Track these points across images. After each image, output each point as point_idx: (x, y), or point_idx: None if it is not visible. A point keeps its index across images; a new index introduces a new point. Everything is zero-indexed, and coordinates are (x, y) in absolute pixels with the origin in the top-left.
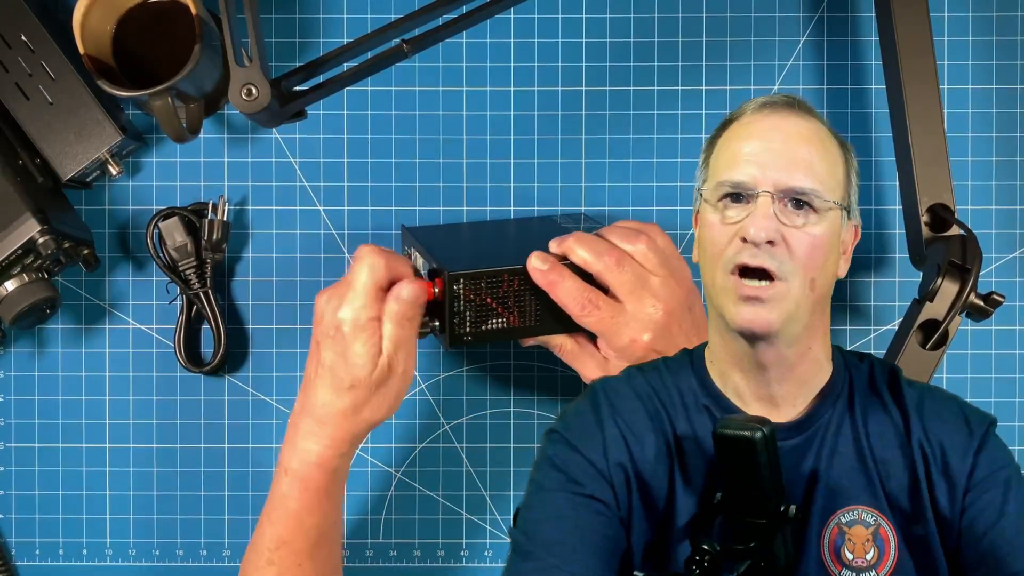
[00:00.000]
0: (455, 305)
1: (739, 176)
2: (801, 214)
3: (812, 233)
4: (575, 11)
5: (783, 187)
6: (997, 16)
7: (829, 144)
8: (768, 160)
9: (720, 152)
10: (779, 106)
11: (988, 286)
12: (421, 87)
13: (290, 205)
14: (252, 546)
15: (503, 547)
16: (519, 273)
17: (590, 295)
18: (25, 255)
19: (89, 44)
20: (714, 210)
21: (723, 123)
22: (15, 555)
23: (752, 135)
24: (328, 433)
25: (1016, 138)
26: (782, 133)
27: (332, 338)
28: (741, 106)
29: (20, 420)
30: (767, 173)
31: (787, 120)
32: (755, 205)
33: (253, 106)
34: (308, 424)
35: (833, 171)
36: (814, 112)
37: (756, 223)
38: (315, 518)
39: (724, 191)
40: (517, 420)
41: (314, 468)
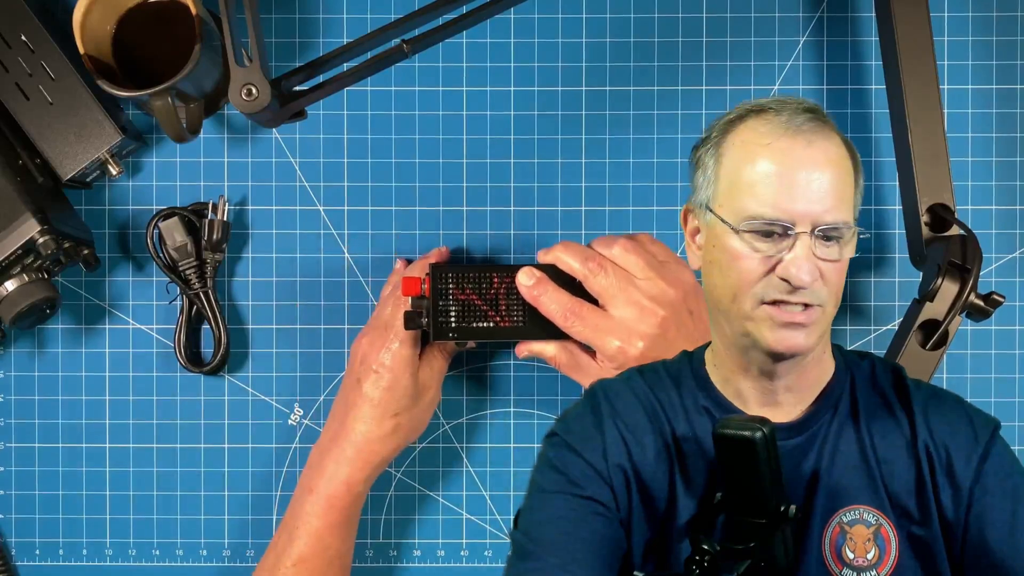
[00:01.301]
0: (439, 301)
1: (774, 212)
2: (833, 245)
3: (842, 261)
4: (575, 11)
5: (820, 225)
6: (997, 16)
7: (848, 161)
8: (803, 194)
9: (739, 169)
10: (804, 126)
11: (988, 286)
12: (421, 87)
13: (290, 205)
14: (269, 558)
15: (503, 547)
16: (507, 275)
17: (573, 305)
18: (25, 255)
19: (89, 44)
20: (740, 239)
21: (728, 125)
22: (15, 555)
23: (781, 160)
24: (363, 458)
25: (1016, 138)
26: (814, 161)
27: (378, 374)
28: (747, 111)
29: (20, 420)
30: (805, 209)
31: (817, 145)
32: (791, 242)
33: (253, 106)
34: (344, 450)
35: (851, 192)
36: (832, 124)
37: (800, 266)
38: (335, 539)
39: (757, 227)
40: (517, 420)
41: (343, 488)
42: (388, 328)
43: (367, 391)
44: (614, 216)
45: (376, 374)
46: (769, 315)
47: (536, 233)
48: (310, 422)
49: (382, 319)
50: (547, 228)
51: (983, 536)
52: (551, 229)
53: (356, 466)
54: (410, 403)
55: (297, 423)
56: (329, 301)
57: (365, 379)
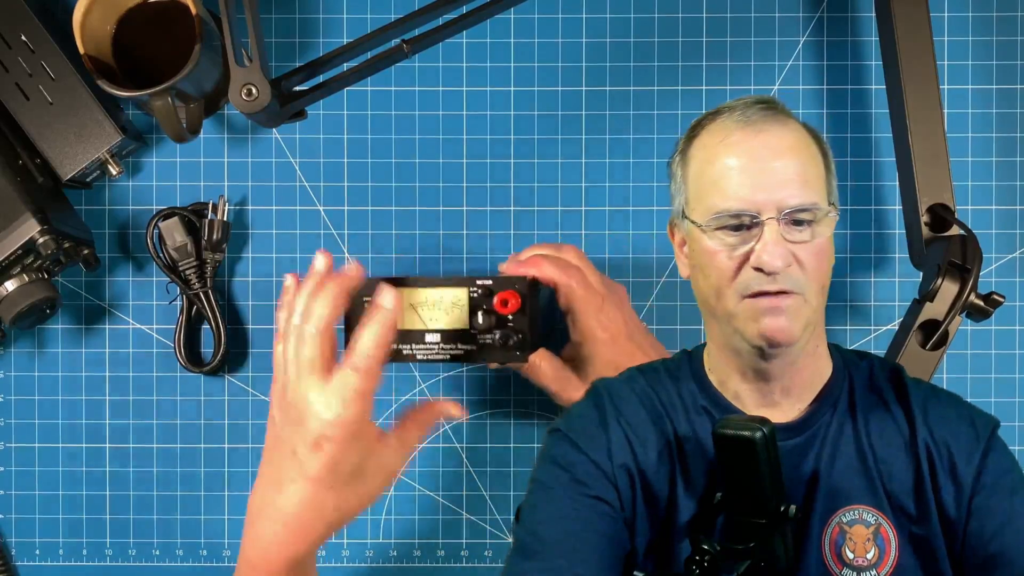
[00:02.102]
0: (536, 318)
1: (738, 204)
2: (805, 229)
3: (817, 243)
4: (575, 11)
5: (785, 209)
6: (997, 16)
7: (811, 146)
8: (764, 182)
9: (702, 170)
10: (754, 116)
11: (988, 286)
12: (421, 87)
13: (290, 205)
14: None
15: (503, 547)
16: None
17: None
18: (25, 255)
19: (89, 44)
20: (711, 238)
21: (691, 133)
22: (15, 555)
23: (739, 153)
24: (299, 535)
25: (1016, 138)
26: (770, 148)
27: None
28: (706, 115)
29: (20, 420)
30: (767, 196)
31: (770, 131)
32: (760, 231)
33: (253, 106)
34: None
35: (819, 174)
36: (787, 111)
37: (769, 252)
38: None
39: (724, 221)
40: (517, 420)
41: (284, 566)
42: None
43: (305, 464)
44: (614, 216)
45: (316, 445)
46: (750, 306)
47: (536, 233)
48: None
49: None
50: (547, 228)
51: (983, 530)
52: (551, 229)
53: (291, 544)
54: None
55: None
56: None
57: (299, 443)
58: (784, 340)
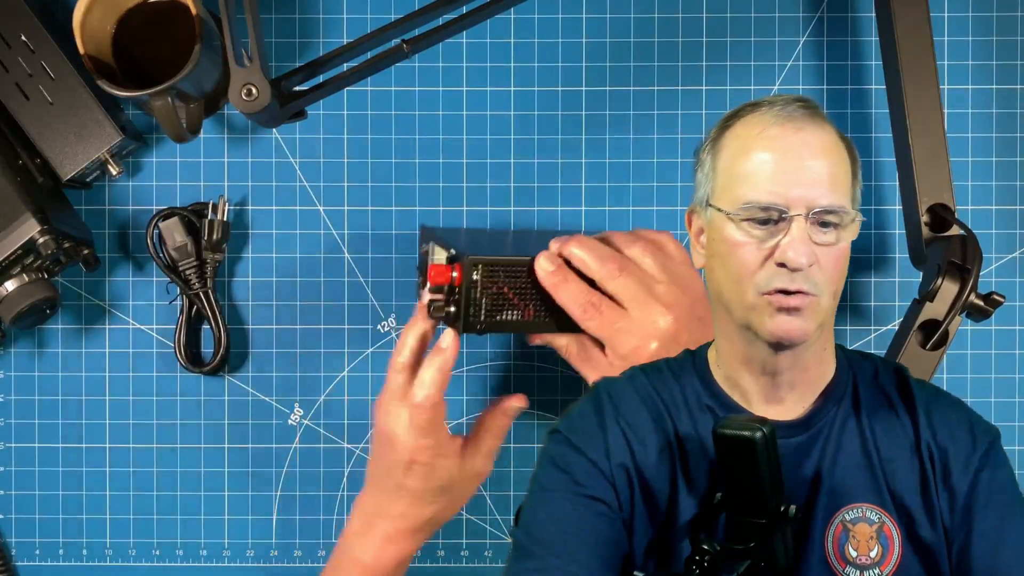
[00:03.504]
0: (471, 293)
1: (769, 197)
2: (830, 231)
3: (840, 248)
4: (575, 11)
5: (815, 208)
6: (997, 16)
7: (843, 151)
8: (796, 179)
9: (735, 160)
10: (795, 113)
11: (988, 286)
12: (421, 87)
13: (290, 205)
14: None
15: (503, 547)
16: None
17: (592, 299)
18: (25, 255)
19: (89, 44)
20: (737, 228)
21: (725, 123)
22: (15, 555)
23: (775, 148)
24: (407, 536)
25: (1016, 138)
26: (807, 147)
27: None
28: (743, 107)
29: (20, 420)
30: (799, 193)
31: (808, 131)
32: (787, 227)
33: (253, 106)
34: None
35: (848, 179)
36: (824, 115)
37: (795, 248)
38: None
39: (753, 213)
40: (517, 420)
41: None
42: None
43: (404, 482)
44: (614, 216)
45: (408, 468)
46: (768, 303)
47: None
48: (310, 422)
49: None
50: (547, 228)
51: (968, 546)
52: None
53: (402, 546)
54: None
55: (297, 423)
56: (329, 301)
57: (398, 469)
58: (799, 339)
